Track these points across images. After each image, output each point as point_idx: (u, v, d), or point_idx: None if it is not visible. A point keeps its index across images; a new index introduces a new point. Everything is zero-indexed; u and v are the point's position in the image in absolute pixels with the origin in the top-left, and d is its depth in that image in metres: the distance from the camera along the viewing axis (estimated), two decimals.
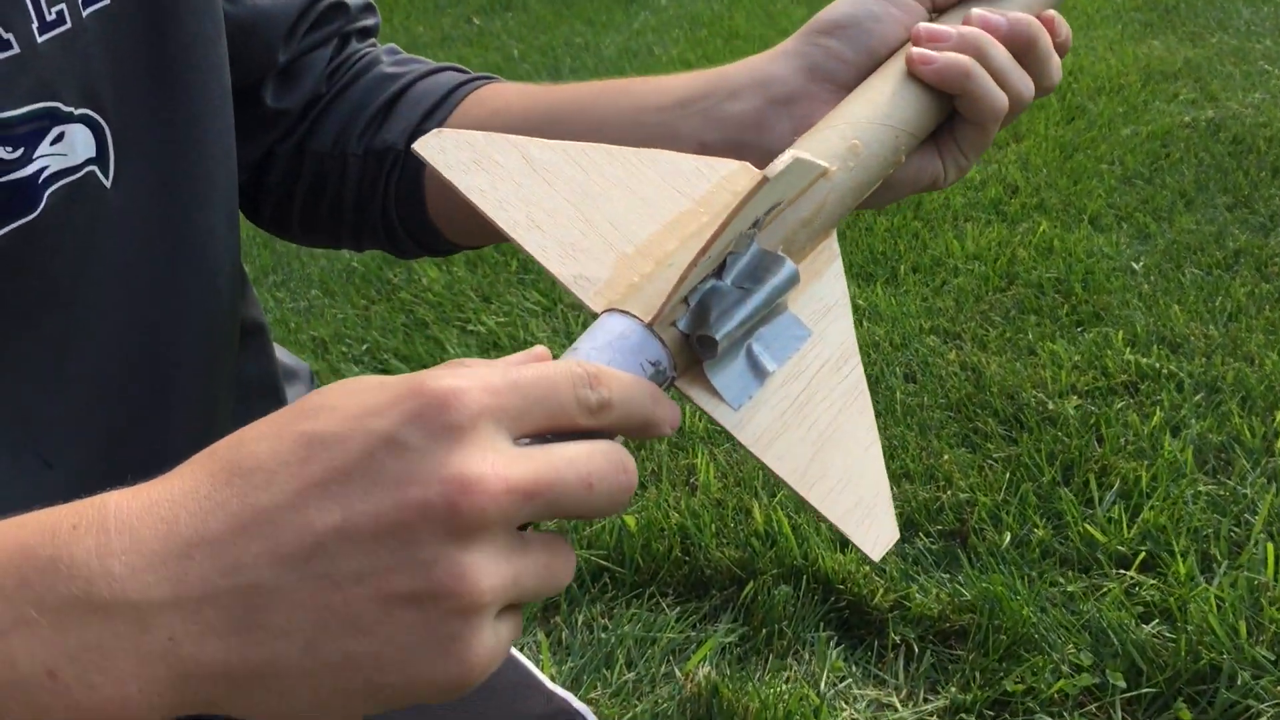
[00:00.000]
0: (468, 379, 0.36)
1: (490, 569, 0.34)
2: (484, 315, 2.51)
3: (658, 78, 0.64)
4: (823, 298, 0.51)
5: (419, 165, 0.68)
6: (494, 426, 0.36)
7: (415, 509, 0.34)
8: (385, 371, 2.34)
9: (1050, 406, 1.93)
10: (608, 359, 0.42)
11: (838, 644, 1.52)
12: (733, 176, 0.51)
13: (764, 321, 0.48)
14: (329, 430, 0.35)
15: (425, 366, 2.13)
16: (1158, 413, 1.87)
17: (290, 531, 0.34)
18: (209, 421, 0.62)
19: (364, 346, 2.46)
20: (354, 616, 0.34)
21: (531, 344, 2.46)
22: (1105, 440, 1.81)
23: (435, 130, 0.47)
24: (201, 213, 0.59)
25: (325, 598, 0.34)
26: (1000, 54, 0.57)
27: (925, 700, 1.42)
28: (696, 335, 0.45)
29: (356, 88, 0.71)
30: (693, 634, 1.55)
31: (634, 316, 0.44)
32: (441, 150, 0.46)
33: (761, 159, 0.60)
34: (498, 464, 0.35)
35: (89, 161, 0.53)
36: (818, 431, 0.48)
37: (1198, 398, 1.91)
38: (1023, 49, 0.58)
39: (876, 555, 0.48)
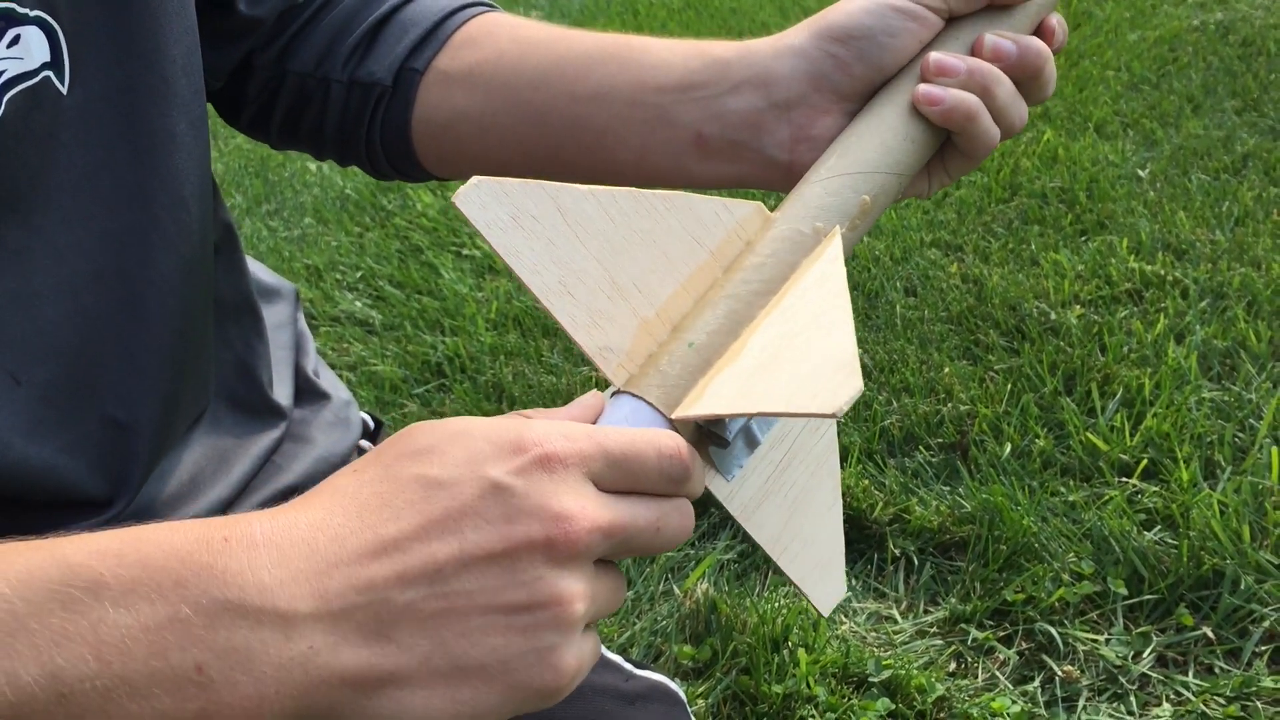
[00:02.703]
0: (561, 436, 0.42)
1: (579, 589, 0.41)
2: (479, 240, 2.48)
3: (660, 47, 0.62)
4: None
5: (407, 105, 0.67)
6: (581, 476, 0.42)
7: (520, 540, 0.40)
8: (380, 297, 2.31)
9: (1053, 317, 1.90)
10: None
11: None
12: (746, 220, 0.53)
13: None
14: (444, 475, 0.40)
15: (420, 293, 2.10)
16: (1162, 320, 1.83)
17: (416, 558, 0.39)
18: (184, 339, 0.60)
19: (358, 274, 2.43)
20: (466, 629, 0.39)
21: None
22: (1108, 349, 1.78)
23: (475, 181, 0.47)
24: (162, 118, 0.57)
25: (443, 613, 0.39)
26: (1005, 90, 0.57)
27: (925, 612, 1.42)
28: (709, 428, 0.48)
29: (342, 5, 0.69)
30: (691, 552, 1.55)
31: (654, 406, 0.47)
32: (481, 206, 0.47)
33: (757, 160, 0.59)
34: (586, 507, 0.41)
35: (45, 66, 0.51)
36: (793, 496, 0.52)
37: (1203, 304, 1.88)
38: (1030, 76, 0.58)
39: (826, 611, 0.53)
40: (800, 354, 0.45)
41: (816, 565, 0.53)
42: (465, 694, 0.39)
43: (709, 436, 0.49)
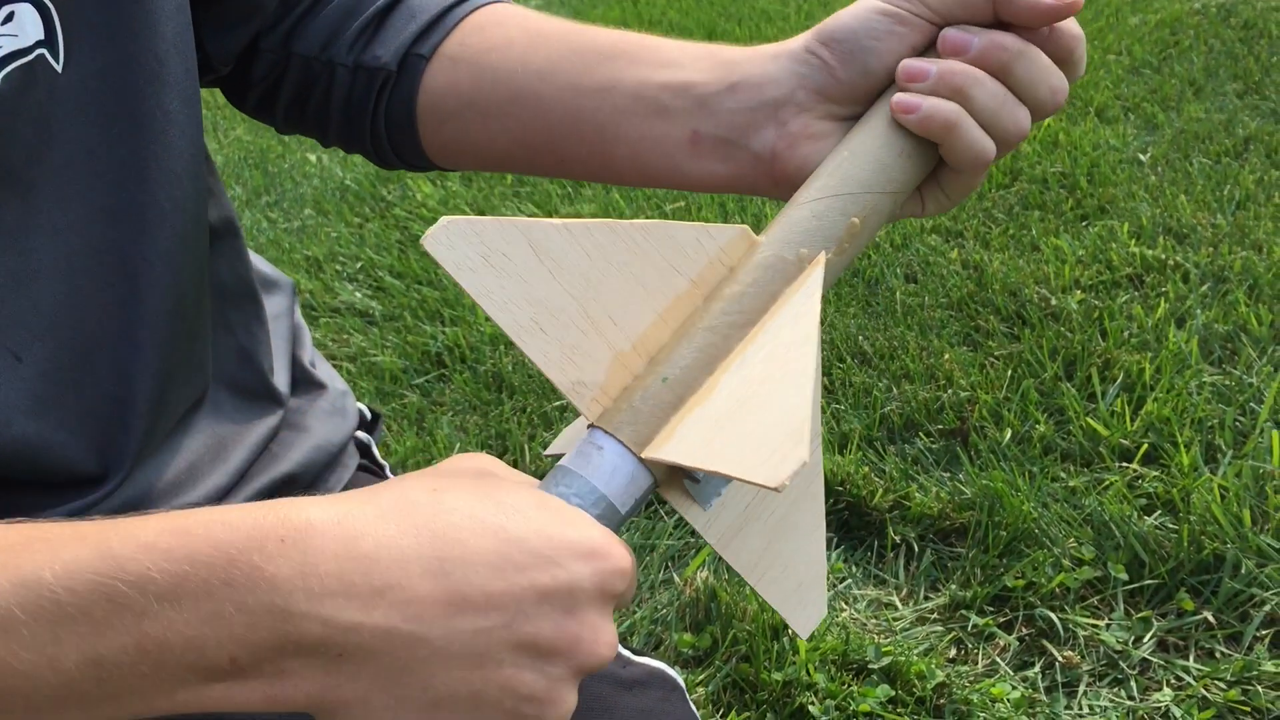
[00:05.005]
0: (630, 566, 0.45)
1: (574, 704, 0.43)
2: None
3: (671, 47, 0.62)
4: None
5: (412, 90, 0.66)
6: (614, 603, 0.45)
7: (568, 641, 0.42)
8: (379, 288, 2.31)
9: (1053, 302, 1.89)
10: (597, 484, 0.48)
11: (837, 545, 1.51)
12: (730, 245, 0.52)
13: None
14: (534, 549, 0.42)
15: (420, 283, 2.10)
16: (1163, 304, 1.83)
17: (470, 617, 0.40)
18: (179, 315, 0.60)
19: (358, 264, 2.43)
20: (477, 693, 0.41)
21: None
22: (1109, 334, 1.78)
23: (444, 220, 0.47)
24: (156, 96, 0.57)
25: (468, 669, 0.40)
26: (986, 91, 0.52)
27: (925, 598, 1.42)
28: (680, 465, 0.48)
29: None
30: (691, 540, 1.55)
31: (625, 445, 0.48)
32: (450, 246, 0.47)
33: (744, 159, 0.59)
34: (613, 634, 0.44)
35: (39, 44, 0.51)
36: (773, 522, 0.52)
37: (1204, 288, 1.88)
38: (1001, 73, 0.53)
39: (805, 633, 0.53)
40: (759, 410, 0.45)
41: (796, 589, 0.53)
42: None
43: (680, 471, 0.49)
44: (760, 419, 0.45)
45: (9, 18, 0.50)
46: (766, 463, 0.42)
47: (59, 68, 0.53)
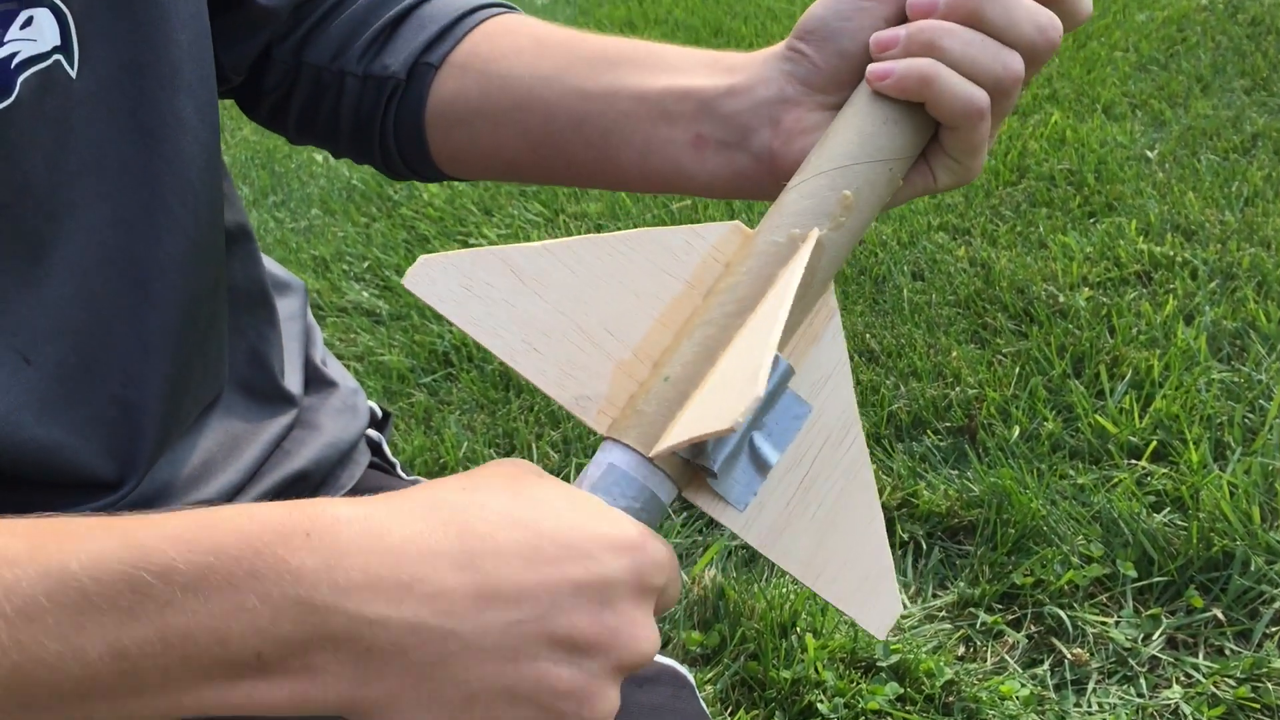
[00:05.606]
0: (668, 559, 0.44)
1: (617, 704, 0.42)
2: (485, 228, 2.48)
3: (674, 53, 0.63)
4: (821, 364, 0.51)
5: (421, 98, 0.67)
6: (654, 599, 0.44)
7: (605, 635, 0.41)
8: (386, 287, 2.32)
9: (1061, 299, 1.89)
10: (615, 492, 0.46)
11: None
12: (723, 242, 0.51)
13: (763, 412, 0.48)
14: (567, 543, 0.41)
15: None
16: (1171, 301, 1.83)
17: (502, 610, 0.40)
18: (192, 321, 0.61)
19: (365, 264, 2.43)
20: (511, 688, 0.40)
21: None
22: (1117, 331, 1.78)
23: (422, 259, 0.47)
24: (169, 102, 0.57)
25: (501, 663, 0.40)
26: (959, 40, 0.51)
27: (934, 596, 1.42)
28: (695, 461, 0.47)
29: (360, 0, 0.69)
30: (699, 539, 1.55)
31: (633, 449, 0.47)
32: (430, 281, 0.47)
33: (746, 159, 0.60)
34: (655, 633, 0.43)
35: (55, 50, 0.52)
36: (821, 516, 0.50)
37: (1212, 285, 1.87)
38: (972, 20, 0.52)
39: (881, 633, 0.51)
40: (733, 375, 0.45)
41: (861, 585, 0.50)
42: None
43: (699, 469, 0.48)
44: (730, 380, 0.44)
45: (28, 22, 0.50)
46: (724, 409, 0.42)
47: (73, 74, 0.53)
